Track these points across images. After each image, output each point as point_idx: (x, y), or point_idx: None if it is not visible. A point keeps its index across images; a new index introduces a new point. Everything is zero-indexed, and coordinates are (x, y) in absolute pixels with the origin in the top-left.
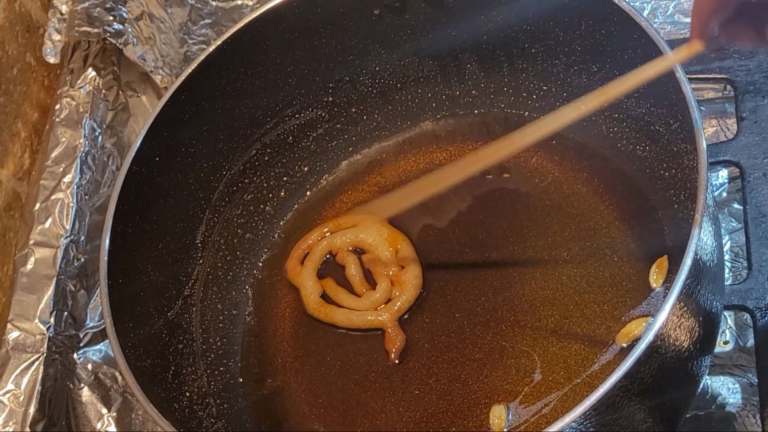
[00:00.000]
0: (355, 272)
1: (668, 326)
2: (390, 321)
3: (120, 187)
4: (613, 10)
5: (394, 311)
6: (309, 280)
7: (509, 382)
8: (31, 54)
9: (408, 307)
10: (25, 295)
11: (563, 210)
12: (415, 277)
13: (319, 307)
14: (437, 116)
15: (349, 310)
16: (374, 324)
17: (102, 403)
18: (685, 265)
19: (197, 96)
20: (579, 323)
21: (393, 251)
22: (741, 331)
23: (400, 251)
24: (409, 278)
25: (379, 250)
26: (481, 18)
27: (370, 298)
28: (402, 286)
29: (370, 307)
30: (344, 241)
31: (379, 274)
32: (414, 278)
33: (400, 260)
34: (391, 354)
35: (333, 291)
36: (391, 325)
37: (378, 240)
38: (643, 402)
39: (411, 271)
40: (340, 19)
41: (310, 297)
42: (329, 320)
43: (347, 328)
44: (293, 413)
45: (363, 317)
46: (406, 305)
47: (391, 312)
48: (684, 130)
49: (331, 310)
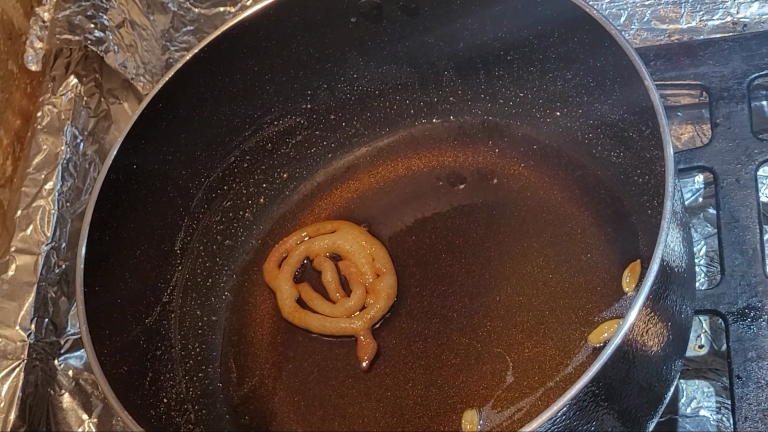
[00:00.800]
0: (331, 278)
1: (635, 332)
2: (362, 329)
3: (97, 195)
4: (584, 18)
5: (367, 319)
6: (285, 284)
7: (484, 386)
8: (13, 61)
9: (381, 316)
10: (6, 302)
11: (539, 216)
12: (389, 287)
13: (293, 312)
14: (415, 123)
15: (323, 316)
16: (347, 331)
17: (83, 409)
18: (652, 272)
19: (175, 103)
20: (554, 328)
21: (370, 259)
22: (716, 336)
23: (376, 259)
24: (384, 287)
25: (356, 257)
26: (456, 26)
27: (344, 305)
28: (376, 295)
29: (344, 314)
30: (322, 247)
31: (355, 282)
32: (388, 287)
33: (376, 269)
34: (362, 362)
35: (308, 296)
36: (364, 333)
37: (355, 247)
38: (612, 407)
39: (386, 280)
40: (317, 27)
41: (285, 301)
42: (303, 325)
43: (321, 333)
44: (272, 418)
45: (336, 324)
46: (379, 314)
47: (364, 320)
48: (655, 137)
49: (305, 315)
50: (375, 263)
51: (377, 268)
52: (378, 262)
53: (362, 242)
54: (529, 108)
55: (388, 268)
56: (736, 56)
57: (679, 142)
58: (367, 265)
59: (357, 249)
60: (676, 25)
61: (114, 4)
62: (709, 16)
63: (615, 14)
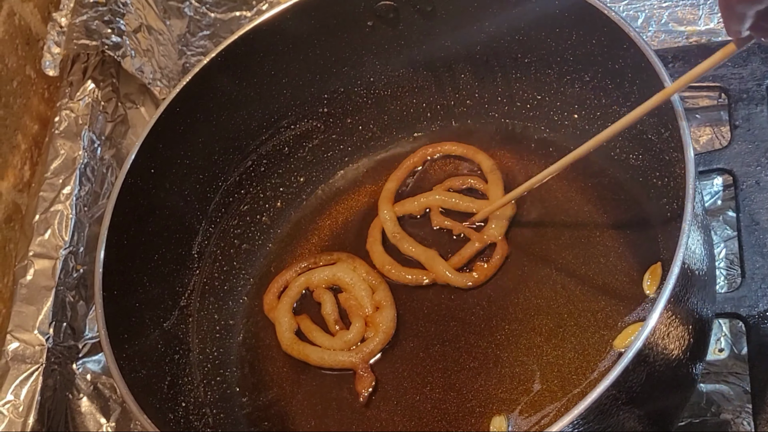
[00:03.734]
0: (331, 311)
1: (656, 335)
2: (361, 362)
3: (115, 199)
4: (603, 20)
5: (366, 353)
6: (284, 316)
7: (504, 390)
8: (31, 67)
9: (380, 349)
10: (25, 306)
11: (557, 218)
12: (389, 320)
13: (292, 344)
14: (432, 126)
15: (321, 348)
16: (345, 364)
17: (101, 413)
18: (673, 274)
19: (192, 108)
20: (573, 331)
21: (370, 291)
22: (736, 339)
23: (376, 292)
24: (383, 320)
25: (356, 289)
26: (473, 29)
27: (343, 338)
28: (375, 328)
29: (343, 347)
30: (321, 278)
31: (354, 314)
32: (388, 321)
33: (376, 301)
34: (360, 396)
35: (307, 328)
36: (362, 366)
37: (355, 279)
38: (633, 410)
39: (385, 314)
40: (334, 31)
41: (284, 333)
42: (302, 357)
43: (319, 366)
44: (290, 423)
45: (335, 357)
46: (378, 347)
47: (363, 354)
48: (674, 139)
49: (304, 348)
50: (375, 296)
51: (377, 300)
52: (378, 294)
53: (362, 274)
54: (546, 111)
55: (389, 301)
56: (754, 58)
57: (698, 145)
58: (367, 297)
59: (357, 281)
60: (694, 27)
61: (131, 9)
62: None
63: (632, 16)
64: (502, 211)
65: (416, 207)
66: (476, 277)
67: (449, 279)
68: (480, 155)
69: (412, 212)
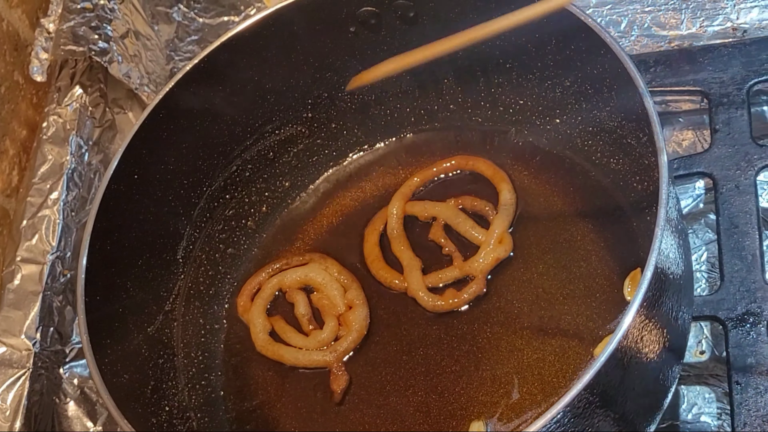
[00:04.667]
0: (304, 311)
1: (629, 339)
2: (335, 361)
3: (98, 205)
4: (580, 26)
5: (340, 352)
6: (258, 317)
7: (485, 393)
8: (19, 72)
9: (353, 348)
10: (12, 311)
11: (539, 222)
12: (362, 319)
13: (266, 345)
14: (415, 130)
15: (296, 348)
16: (319, 363)
17: (88, 417)
18: (645, 278)
19: (176, 113)
20: (554, 335)
21: (342, 291)
22: (717, 341)
23: (348, 291)
24: (356, 318)
25: (328, 289)
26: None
27: (316, 337)
28: (348, 327)
29: (317, 347)
30: (294, 279)
31: (327, 314)
32: (361, 319)
33: (349, 300)
34: (335, 393)
35: (281, 329)
36: (336, 365)
37: (327, 279)
38: (609, 413)
39: (358, 313)
40: (317, 37)
41: (258, 335)
42: (277, 358)
43: (294, 366)
44: (274, 426)
45: (309, 356)
46: (351, 346)
47: (337, 352)
48: (651, 143)
49: (278, 348)
50: (347, 295)
51: (349, 299)
52: (350, 294)
53: (334, 274)
54: (528, 115)
55: (361, 300)
56: (735, 62)
57: (680, 148)
58: (339, 297)
59: (329, 281)
60: (676, 31)
61: (118, 14)
62: (709, 22)
63: (615, 21)
64: (497, 247)
65: (423, 213)
66: (441, 304)
67: (417, 296)
68: (504, 186)
69: (418, 216)
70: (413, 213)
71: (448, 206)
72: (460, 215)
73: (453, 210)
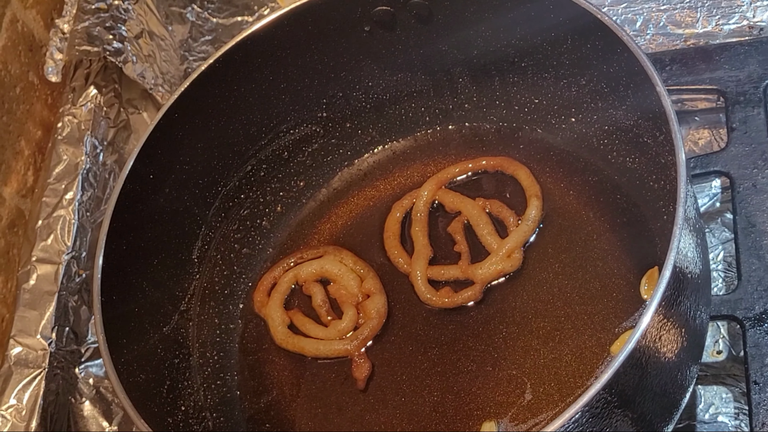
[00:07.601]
0: (321, 302)
1: (648, 339)
2: (356, 349)
3: (114, 205)
4: (596, 25)
5: (360, 340)
6: (276, 311)
7: (501, 393)
8: (34, 73)
9: (374, 335)
10: (28, 311)
11: (554, 221)
12: (381, 305)
13: (286, 338)
14: (430, 130)
15: (316, 339)
16: (341, 353)
17: (103, 417)
18: (664, 278)
19: (191, 113)
20: (570, 335)
21: (358, 280)
22: (734, 341)
23: (365, 280)
24: (374, 306)
25: (344, 279)
26: (470, 33)
27: (336, 327)
28: (368, 314)
29: (337, 336)
30: (310, 272)
31: (345, 303)
32: (380, 306)
33: (366, 289)
34: (358, 381)
35: (300, 322)
36: (357, 353)
37: (343, 270)
38: (627, 413)
39: (376, 300)
40: (332, 36)
41: (277, 328)
42: (298, 350)
43: (315, 357)
44: (290, 425)
45: (330, 346)
46: (372, 333)
47: (357, 341)
48: (668, 142)
49: (299, 341)
50: (364, 284)
51: (366, 288)
52: (367, 283)
53: (349, 264)
54: (544, 114)
55: (378, 288)
56: (752, 60)
57: (697, 147)
58: (356, 286)
59: (344, 272)
60: (692, 29)
61: (132, 15)
62: (725, 20)
63: (630, 19)
64: (504, 260)
65: (451, 204)
66: (434, 300)
67: (416, 284)
68: (535, 201)
69: (446, 205)
70: (442, 201)
71: (475, 205)
72: (483, 217)
73: (479, 210)
